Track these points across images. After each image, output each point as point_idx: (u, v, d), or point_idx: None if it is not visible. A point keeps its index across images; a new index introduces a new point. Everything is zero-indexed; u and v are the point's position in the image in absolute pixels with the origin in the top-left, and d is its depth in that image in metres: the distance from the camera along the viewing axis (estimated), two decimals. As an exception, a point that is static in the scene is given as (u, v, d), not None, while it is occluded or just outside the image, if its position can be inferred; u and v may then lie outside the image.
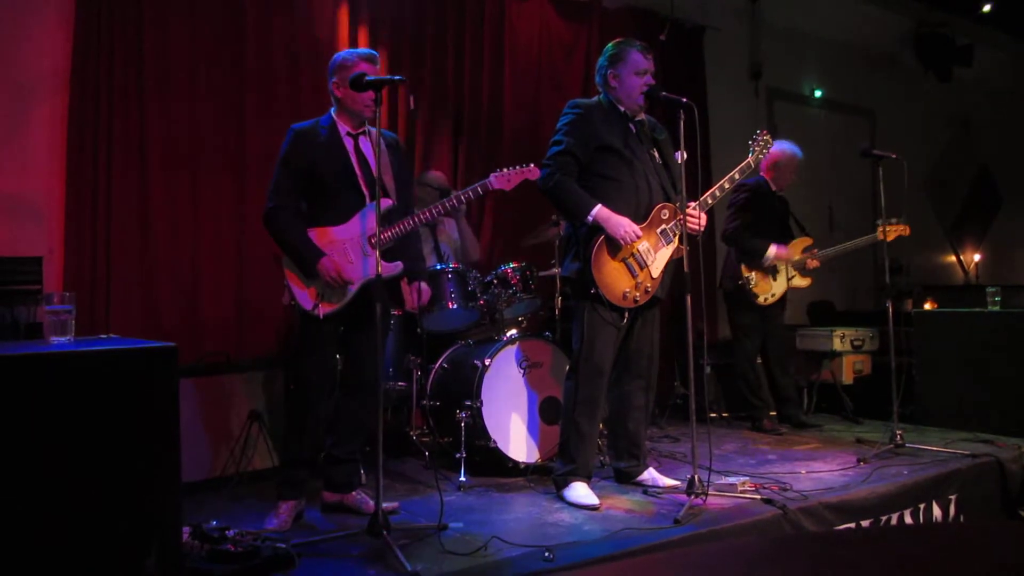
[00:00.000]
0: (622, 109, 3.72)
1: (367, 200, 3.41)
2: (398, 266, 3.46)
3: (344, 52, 3.54)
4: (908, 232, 5.23)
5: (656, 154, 3.77)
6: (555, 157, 3.64)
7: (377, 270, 3.07)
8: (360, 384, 3.51)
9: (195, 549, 2.57)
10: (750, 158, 4.00)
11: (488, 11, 5.96)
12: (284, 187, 3.40)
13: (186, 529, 2.61)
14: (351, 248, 3.38)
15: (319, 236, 3.38)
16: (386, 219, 3.41)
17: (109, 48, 4.50)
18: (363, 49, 3.58)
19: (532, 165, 3.57)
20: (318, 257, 3.32)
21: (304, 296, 3.37)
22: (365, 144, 3.49)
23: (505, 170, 3.56)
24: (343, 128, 3.47)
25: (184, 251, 4.71)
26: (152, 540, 2.10)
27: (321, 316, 3.33)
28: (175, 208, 4.70)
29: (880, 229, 5.11)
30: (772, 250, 5.22)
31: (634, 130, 3.72)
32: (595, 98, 3.80)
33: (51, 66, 4.43)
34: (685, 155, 3.71)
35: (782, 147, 5.37)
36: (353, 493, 3.53)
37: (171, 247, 4.67)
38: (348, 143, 3.47)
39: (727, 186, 3.86)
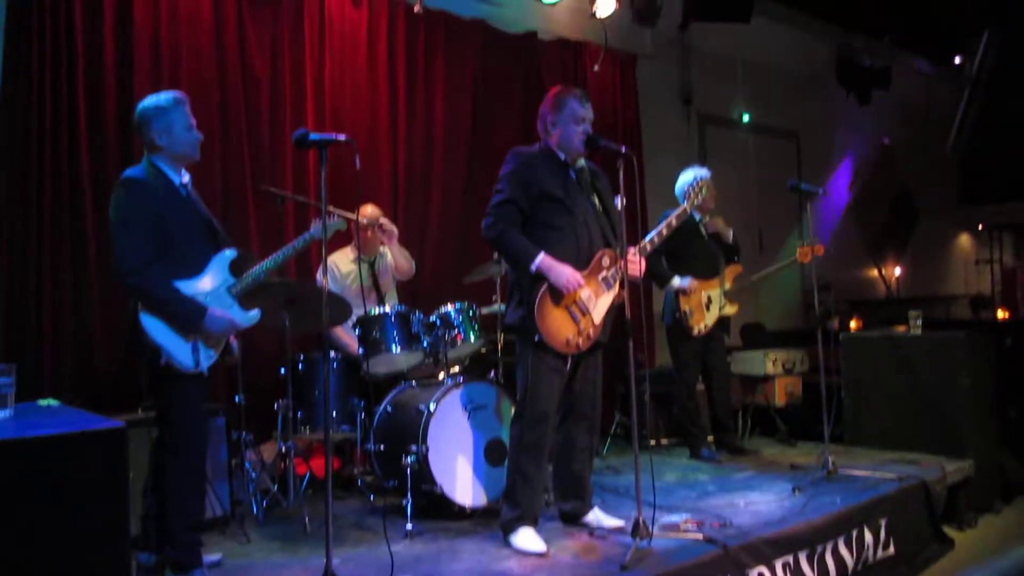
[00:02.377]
0: (562, 157, 3.78)
1: (212, 251, 3.38)
2: (257, 315, 3.43)
3: (151, 100, 3.33)
4: (822, 252, 5.37)
5: (597, 200, 3.83)
6: (497, 207, 3.69)
7: (324, 318, 3.06)
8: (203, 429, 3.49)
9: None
10: (686, 204, 4.12)
11: (421, 47, 5.99)
12: (139, 245, 3.16)
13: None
14: (212, 300, 3.29)
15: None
16: (238, 267, 3.41)
17: (40, 82, 4.45)
18: (168, 93, 3.36)
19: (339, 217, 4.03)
20: (202, 312, 3.20)
21: (182, 353, 3.19)
22: (194, 194, 3.44)
23: (317, 220, 3.79)
24: (175, 179, 3.34)
25: (117, 291, 4.62)
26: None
27: (206, 372, 3.24)
28: (107, 247, 4.61)
29: (800, 251, 5.33)
30: (676, 280, 5.37)
31: (574, 177, 3.79)
32: (536, 146, 3.85)
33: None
34: (624, 201, 3.78)
35: (684, 173, 5.53)
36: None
37: (104, 287, 4.59)
38: (183, 193, 3.37)
39: (665, 232, 3.95)
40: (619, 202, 3.75)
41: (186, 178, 3.41)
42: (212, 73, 5.06)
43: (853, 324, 7.76)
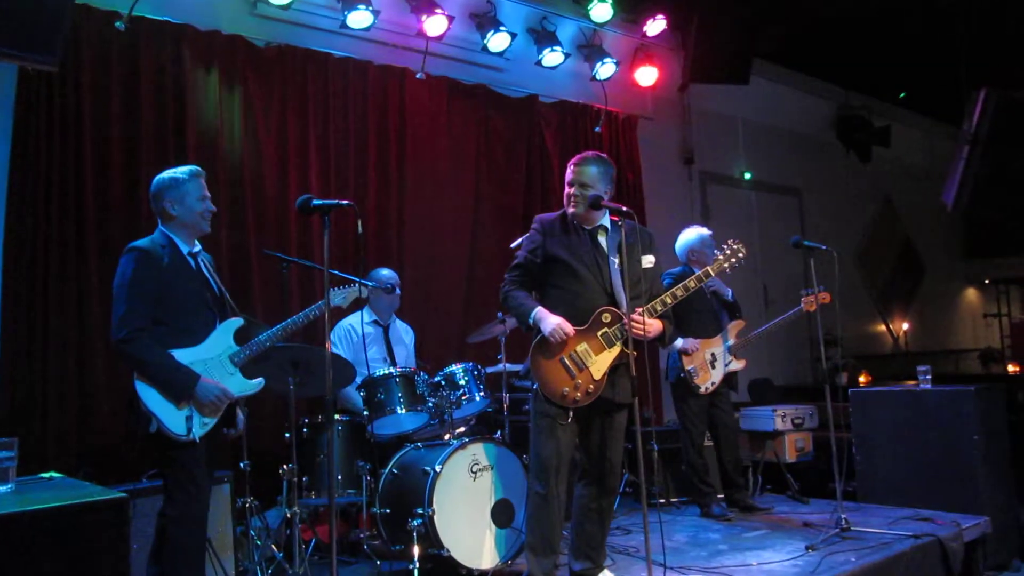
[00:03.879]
0: (576, 221, 3.84)
1: (217, 320, 3.44)
2: (260, 383, 3.47)
3: (169, 172, 3.47)
4: (828, 299, 5.34)
5: (616, 260, 3.84)
6: (510, 271, 3.88)
7: (329, 388, 3.06)
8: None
9: None
10: (713, 265, 4.11)
11: (425, 111, 6.09)
12: (137, 312, 3.23)
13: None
14: (213, 368, 3.34)
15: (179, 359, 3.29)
16: (244, 336, 3.46)
17: (48, 157, 4.53)
18: (186, 167, 3.50)
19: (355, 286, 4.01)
20: (195, 379, 3.24)
21: (174, 421, 3.20)
22: (203, 264, 3.51)
23: (338, 288, 3.93)
24: (184, 247, 3.43)
25: (120, 361, 4.64)
26: None
27: (198, 440, 3.23)
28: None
29: (804, 300, 5.30)
30: (679, 342, 5.37)
31: (588, 239, 3.83)
32: (560, 211, 3.94)
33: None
34: (653, 260, 3.85)
35: (686, 232, 5.58)
36: None
37: (108, 357, 4.60)
38: (191, 263, 3.45)
39: (680, 293, 3.91)
40: (647, 260, 3.80)
41: (196, 248, 3.49)
42: (219, 142, 5.16)
43: (862, 379, 7.71)
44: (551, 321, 3.63)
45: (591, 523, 3.84)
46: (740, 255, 4.15)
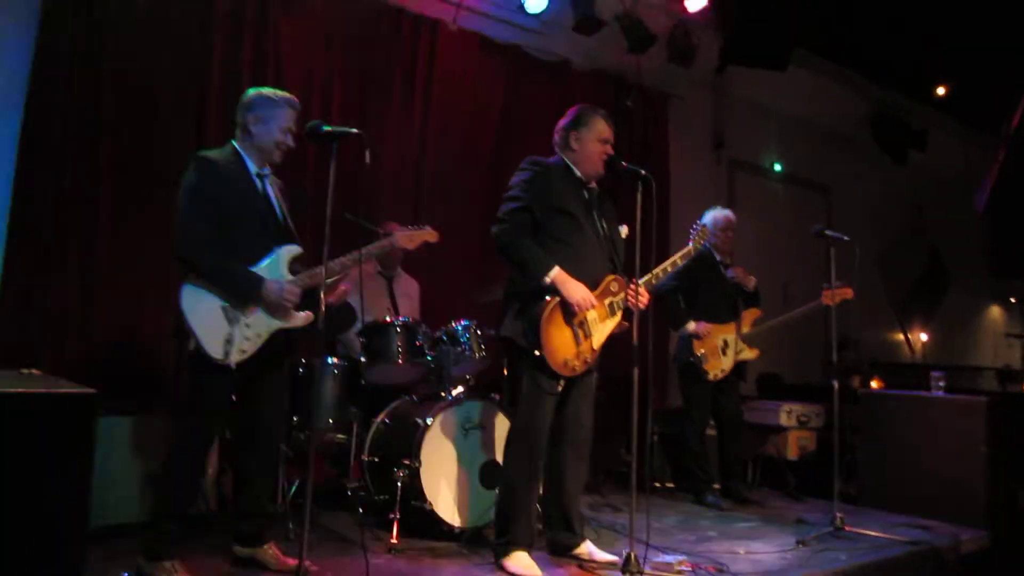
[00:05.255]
0: (578, 174, 3.70)
1: (274, 244, 3.30)
2: (308, 316, 3.33)
3: (264, 89, 3.38)
4: (850, 295, 5.14)
5: (604, 224, 3.73)
6: (512, 213, 3.57)
7: (323, 324, 2.99)
8: (259, 435, 3.40)
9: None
10: (690, 246, 4.05)
11: (452, 64, 5.96)
12: (203, 219, 3.14)
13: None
14: None
15: None
16: (297, 265, 3.35)
17: (68, 73, 4.47)
18: (285, 93, 3.40)
19: (429, 227, 3.78)
20: (260, 281, 3.16)
21: (212, 342, 3.12)
22: (269, 186, 3.39)
23: (409, 228, 3.72)
24: (251, 166, 3.32)
25: (128, 286, 4.60)
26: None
27: (233, 366, 3.14)
28: (124, 239, 4.61)
29: (824, 293, 5.11)
30: (691, 325, 5.25)
31: (587, 196, 3.70)
32: (552, 158, 3.77)
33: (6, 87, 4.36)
34: (627, 230, 3.71)
35: (709, 212, 5.46)
36: (265, 547, 3.38)
37: (112, 281, 4.56)
38: (257, 183, 3.33)
39: (669, 269, 3.85)
40: (623, 231, 3.68)
41: (266, 170, 3.37)
42: (244, 72, 5.06)
43: (874, 384, 7.55)
44: (579, 288, 3.46)
45: (568, 492, 3.73)
46: (706, 236, 4.30)
